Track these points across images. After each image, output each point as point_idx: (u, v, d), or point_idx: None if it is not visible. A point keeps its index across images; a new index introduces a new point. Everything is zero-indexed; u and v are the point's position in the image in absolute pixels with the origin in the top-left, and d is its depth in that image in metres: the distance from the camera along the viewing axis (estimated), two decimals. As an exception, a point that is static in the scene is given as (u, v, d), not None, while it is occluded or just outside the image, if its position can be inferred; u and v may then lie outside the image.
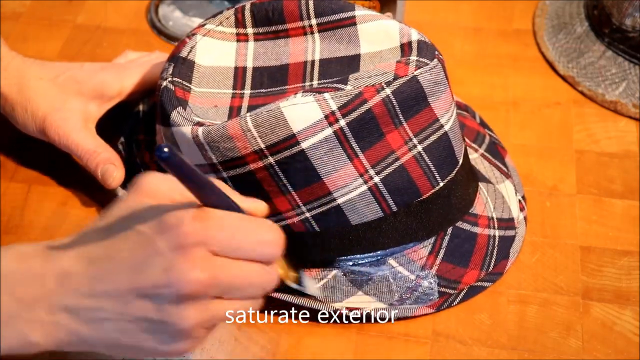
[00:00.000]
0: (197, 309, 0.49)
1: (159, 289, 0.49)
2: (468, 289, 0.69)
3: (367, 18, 0.69)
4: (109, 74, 0.75)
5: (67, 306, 0.51)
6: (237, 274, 0.50)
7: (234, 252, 0.50)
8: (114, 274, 0.50)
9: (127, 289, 0.50)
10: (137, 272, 0.49)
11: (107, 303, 0.50)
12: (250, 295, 0.52)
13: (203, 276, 0.48)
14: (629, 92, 0.84)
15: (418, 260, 0.68)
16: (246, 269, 0.51)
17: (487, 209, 0.72)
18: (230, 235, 0.50)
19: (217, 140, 0.63)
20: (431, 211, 0.67)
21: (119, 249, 0.50)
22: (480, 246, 0.70)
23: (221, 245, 0.49)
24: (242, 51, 0.72)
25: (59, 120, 0.73)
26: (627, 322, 0.67)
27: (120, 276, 0.50)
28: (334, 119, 0.62)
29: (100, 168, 0.73)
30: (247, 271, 0.51)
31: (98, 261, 0.51)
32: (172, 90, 0.67)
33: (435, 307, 0.67)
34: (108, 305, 0.50)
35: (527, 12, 0.95)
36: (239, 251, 0.50)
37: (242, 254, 0.50)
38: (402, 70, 0.64)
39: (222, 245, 0.49)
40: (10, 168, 0.78)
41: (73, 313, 0.51)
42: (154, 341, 0.51)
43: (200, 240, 0.49)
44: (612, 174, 0.78)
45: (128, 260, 0.50)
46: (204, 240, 0.49)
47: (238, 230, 0.50)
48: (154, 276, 0.49)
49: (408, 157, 0.65)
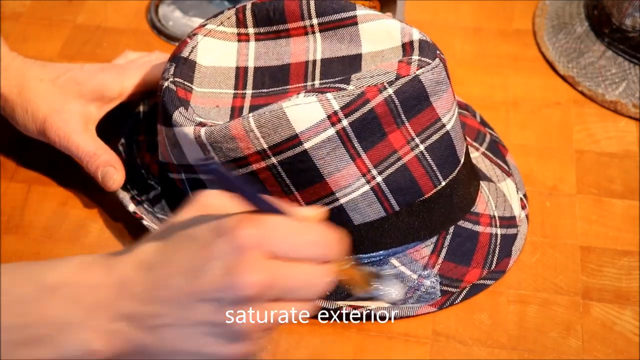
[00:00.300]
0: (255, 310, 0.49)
1: (218, 292, 0.49)
2: (470, 287, 0.69)
3: (368, 17, 0.69)
4: (109, 76, 0.75)
5: (128, 314, 0.51)
6: (294, 275, 0.50)
7: (289, 253, 0.50)
8: (172, 279, 0.50)
9: (187, 294, 0.49)
10: (195, 277, 0.49)
11: (166, 309, 0.50)
12: (306, 296, 0.52)
13: (262, 278, 0.48)
14: (629, 92, 0.84)
15: (420, 260, 0.68)
16: (302, 270, 0.51)
17: (488, 208, 0.72)
18: (285, 237, 0.50)
19: (220, 141, 0.63)
20: (433, 210, 0.67)
21: (176, 255, 0.50)
22: (482, 245, 0.70)
23: (277, 247, 0.50)
24: (244, 51, 0.72)
25: (60, 122, 0.73)
26: (627, 322, 0.68)
27: (179, 281, 0.50)
28: (337, 119, 0.62)
29: (101, 171, 0.73)
30: (303, 272, 0.51)
31: (156, 268, 0.51)
32: (174, 91, 0.67)
33: (437, 305, 0.67)
34: (168, 311, 0.50)
35: (527, 12, 0.95)
36: (294, 252, 0.50)
37: (296, 255, 0.50)
38: (404, 70, 0.64)
39: (277, 247, 0.50)
40: (10, 168, 0.78)
41: (133, 321, 0.51)
42: (214, 345, 0.50)
43: (257, 242, 0.49)
44: (612, 174, 0.79)
45: (186, 265, 0.50)
46: (261, 243, 0.49)
47: (292, 232, 0.50)
48: (213, 280, 0.49)
49: (410, 156, 0.65)
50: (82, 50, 0.90)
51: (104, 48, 0.90)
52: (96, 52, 0.90)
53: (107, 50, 0.90)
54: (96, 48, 0.90)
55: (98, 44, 0.91)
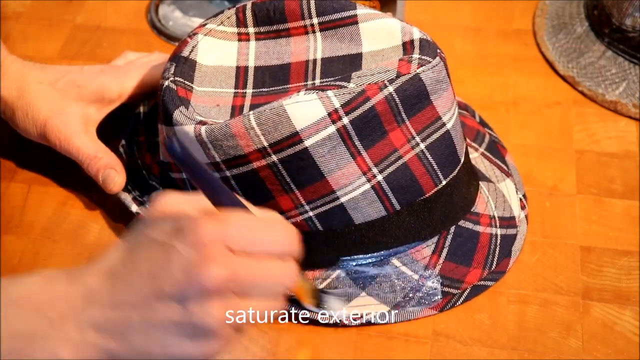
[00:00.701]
0: (221, 306, 0.49)
1: (180, 288, 0.49)
2: (471, 288, 0.69)
3: (368, 17, 0.69)
4: (108, 77, 0.75)
5: (94, 322, 0.51)
6: (256, 270, 0.50)
7: (251, 248, 0.50)
8: (134, 282, 0.50)
9: (150, 295, 0.50)
10: (157, 277, 0.49)
11: (131, 312, 0.50)
12: (271, 292, 0.52)
13: (223, 272, 0.48)
14: (629, 92, 0.84)
15: (421, 260, 0.68)
16: (265, 265, 0.51)
17: (488, 208, 0.72)
18: (246, 232, 0.50)
19: (220, 139, 0.63)
20: (434, 210, 0.67)
21: (137, 259, 0.51)
22: (483, 245, 0.70)
23: (238, 242, 0.50)
24: (244, 50, 0.72)
25: (60, 125, 0.73)
26: (627, 322, 0.67)
27: (141, 283, 0.50)
28: (337, 116, 0.62)
29: (101, 173, 0.73)
30: (266, 267, 0.51)
31: (119, 274, 0.51)
32: (175, 90, 0.67)
33: (438, 308, 0.67)
34: (133, 315, 0.50)
35: (527, 12, 0.95)
36: (255, 248, 0.50)
37: (258, 250, 0.51)
38: (404, 68, 0.64)
39: (238, 242, 0.50)
40: (10, 168, 0.78)
41: (100, 328, 0.51)
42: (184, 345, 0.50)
43: (217, 238, 0.49)
44: (612, 174, 0.78)
45: (147, 267, 0.50)
46: (221, 238, 0.49)
47: (253, 227, 0.51)
48: (174, 277, 0.49)
49: (411, 155, 0.65)
50: (81, 50, 0.90)
51: (104, 48, 0.90)
52: (96, 52, 0.90)
53: (107, 50, 0.90)
54: (96, 48, 0.90)
55: (98, 44, 0.91)
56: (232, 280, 0.49)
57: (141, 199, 0.73)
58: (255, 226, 0.51)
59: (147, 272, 0.50)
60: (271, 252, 0.51)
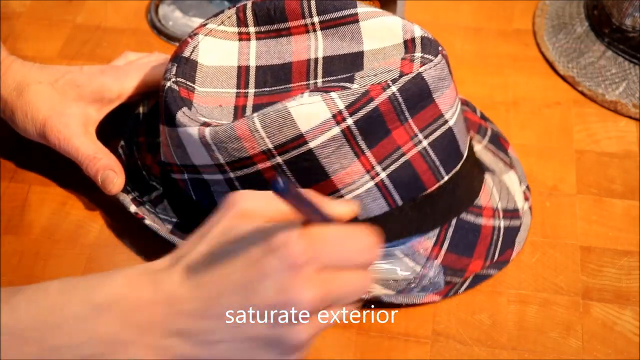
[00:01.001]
0: (311, 325, 0.50)
1: (273, 307, 0.49)
2: (474, 277, 0.69)
3: (369, 15, 0.69)
4: (108, 77, 0.75)
5: (180, 330, 0.51)
6: (344, 285, 0.51)
7: (339, 263, 0.51)
8: (225, 296, 0.50)
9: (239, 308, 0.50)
10: (249, 293, 0.50)
11: (220, 325, 0.50)
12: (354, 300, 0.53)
13: (317, 294, 0.49)
14: (629, 92, 0.84)
15: (423, 252, 0.68)
16: (352, 278, 0.52)
17: (492, 200, 0.72)
18: (335, 249, 0.51)
19: (225, 141, 0.63)
20: (436, 204, 0.68)
21: (225, 271, 0.50)
22: (484, 237, 0.70)
23: (327, 260, 0.50)
24: (245, 50, 0.72)
25: (59, 125, 0.73)
26: (627, 322, 0.67)
27: (233, 298, 0.50)
28: (342, 118, 0.62)
29: (101, 174, 0.72)
30: (352, 280, 0.52)
31: (206, 284, 0.51)
32: (177, 91, 0.67)
33: (442, 294, 0.67)
34: (222, 327, 0.50)
35: (527, 12, 0.95)
36: (343, 262, 0.51)
37: (345, 264, 0.51)
38: (407, 68, 0.64)
39: (328, 259, 0.50)
40: (10, 168, 0.78)
41: (185, 337, 0.51)
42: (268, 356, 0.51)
43: (309, 258, 0.49)
44: (612, 174, 0.79)
45: (239, 282, 0.50)
46: (313, 258, 0.50)
47: (341, 242, 0.51)
48: (268, 297, 0.49)
49: (414, 152, 0.65)
50: (81, 50, 0.90)
51: (104, 48, 0.90)
52: (96, 52, 0.90)
53: (107, 50, 0.90)
54: (96, 48, 0.90)
55: (98, 44, 0.91)
56: (323, 300, 0.50)
57: (141, 200, 0.73)
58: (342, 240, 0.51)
59: (237, 287, 0.50)
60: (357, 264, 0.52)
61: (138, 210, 0.72)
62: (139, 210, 0.71)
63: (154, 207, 0.72)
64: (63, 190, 0.77)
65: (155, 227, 0.70)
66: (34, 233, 0.73)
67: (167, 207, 0.72)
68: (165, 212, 0.72)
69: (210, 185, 0.67)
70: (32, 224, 0.74)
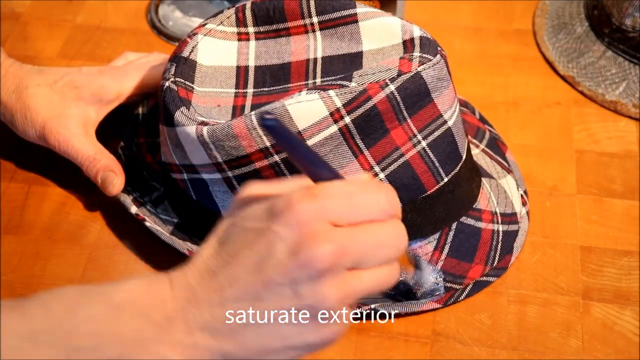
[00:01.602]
0: (335, 284, 0.47)
1: (291, 274, 0.46)
2: (473, 284, 0.69)
3: (368, 15, 0.69)
4: (107, 78, 0.75)
5: (202, 322, 0.49)
6: (364, 238, 0.47)
7: (353, 217, 0.47)
8: (239, 275, 0.48)
9: (258, 286, 0.47)
10: (262, 266, 0.47)
11: (241, 306, 0.48)
12: (385, 258, 0.48)
13: (332, 248, 0.46)
14: (629, 92, 0.84)
15: (423, 256, 0.68)
16: (371, 230, 0.48)
17: (490, 204, 0.72)
18: (344, 201, 0.47)
19: (222, 139, 0.63)
20: (436, 207, 0.67)
21: (235, 251, 0.48)
22: (485, 241, 0.70)
23: (338, 213, 0.47)
24: (244, 50, 0.72)
25: (59, 127, 0.73)
26: (627, 322, 0.67)
27: (247, 276, 0.47)
28: (339, 116, 0.62)
29: (100, 175, 0.72)
30: (373, 232, 0.48)
31: (218, 271, 0.49)
32: (175, 90, 0.67)
33: (442, 302, 0.67)
34: (243, 309, 0.48)
35: (527, 12, 0.95)
36: (357, 215, 0.48)
37: (361, 217, 0.48)
38: (405, 67, 0.64)
39: (339, 213, 0.47)
40: (10, 168, 0.78)
41: (209, 328, 0.49)
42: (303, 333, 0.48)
43: (316, 214, 0.46)
44: (612, 174, 0.78)
45: (249, 258, 0.47)
46: (320, 213, 0.46)
47: (350, 194, 0.48)
48: (282, 263, 0.46)
49: (412, 153, 0.65)
50: (81, 50, 0.90)
51: (104, 48, 0.90)
52: (96, 52, 0.90)
53: (107, 50, 0.90)
54: (96, 48, 0.90)
55: (98, 44, 0.91)
56: (342, 255, 0.46)
57: (141, 200, 0.73)
58: (352, 192, 0.48)
59: (250, 263, 0.47)
60: (374, 216, 0.48)
61: (139, 211, 0.71)
62: (139, 212, 0.71)
63: (155, 208, 0.72)
64: (63, 190, 0.77)
65: (157, 228, 0.70)
66: (34, 233, 0.73)
67: (168, 207, 0.72)
68: (166, 213, 0.72)
69: (209, 185, 0.67)
70: (32, 224, 0.74)
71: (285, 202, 0.47)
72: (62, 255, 0.72)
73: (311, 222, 0.46)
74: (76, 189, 0.76)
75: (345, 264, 0.47)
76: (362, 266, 0.48)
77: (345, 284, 0.47)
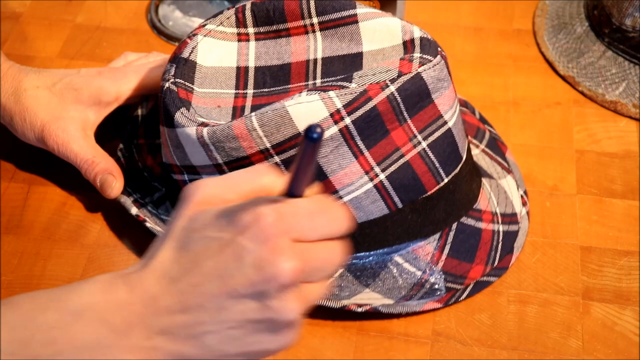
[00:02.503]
0: (296, 297, 0.49)
1: (256, 287, 0.48)
2: (474, 284, 0.69)
3: (368, 16, 0.69)
4: (106, 80, 0.75)
5: (162, 328, 0.49)
6: (321, 255, 0.50)
7: (313, 234, 0.49)
8: (203, 284, 0.49)
9: (223, 295, 0.48)
10: (227, 277, 0.48)
11: (204, 315, 0.49)
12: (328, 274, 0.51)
13: (295, 265, 0.48)
14: (629, 92, 0.84)
15: (424, 257, 0.68)
16: (328, 248, 0.50)
17: (490, 204, 0.72)
18: (307, 220, 0.49)
19: (223, 140, 0.63)
20: (436, 207, 0.67)
21: (197, 259, 0.49)
22: (485, 241, 0.70)
23: (301, 230, 0.49)
24: (244, 51, 0.72)
25: (58, 130, 0.73)
26: (627, 322, 0.67)
27: (211, 285, 0.48)
28: (340, 117, 0.62)
29: (99, 178, 0.72)
30: (328, 251, 0.50)
31: (180, 278, 0.49)
32: (175, 92, 0.67)
33: (442, 302, 0.67)
34: (206, 317, 0.49)
35: (527, 12, 0.95)
36: (316, 232, 0.49)
37: (319, 234, 0.50)
38: (405, 68, 0.64)
39: (301, 230, 0.49)
40: (10, 168, 0.78)
41: (170, 334, 0.49)
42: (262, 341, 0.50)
43: (282, 230, 0.48)
44: (612, 174, 0.78)
45: (213, 267, 0.48)
46: (286, 230, 0.48)
47: (312, 213, 0.50)
48: (248, 275, 0.48)
49: (413, 153, 0.65)
50: (81, 50, 0.90)
51: (104, 48, 0.90)
52: (96, 52, 0.90)
53: (107, 50, 0.90)
54: (96, 48, 0.90)
55: (98, 44, 0.91)
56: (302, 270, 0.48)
57: (142, 201, 0.73)
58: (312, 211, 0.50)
59: (214, 272, 0.48)
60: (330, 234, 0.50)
61: (139, 212, 0.71)
62: (140, 213, 0.71)
63: (156, 208, 0.72)
64: (63, 190, 0.77)
65: (157, 229, 0.70)
66: (34, 233, 0.73)
67: (170, 207, 0.72)
68: (168, 213, 0.72)
69: None
70: (32, 224, 0.74)
71: (252, 217, 0.48)
72: (62, 255, 0.72)
73: (278, 238, 0.48)
74: (76, 189, 0.76)
75: (303, 278, 0.49)
76: (311, 279, 0.50)
77: (303, 297, 0.49)
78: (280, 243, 0.48)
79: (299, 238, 0.49)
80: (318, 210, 0.50)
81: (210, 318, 0.49)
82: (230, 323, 0.49)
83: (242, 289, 0.48)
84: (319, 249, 0.50)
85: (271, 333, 0.50)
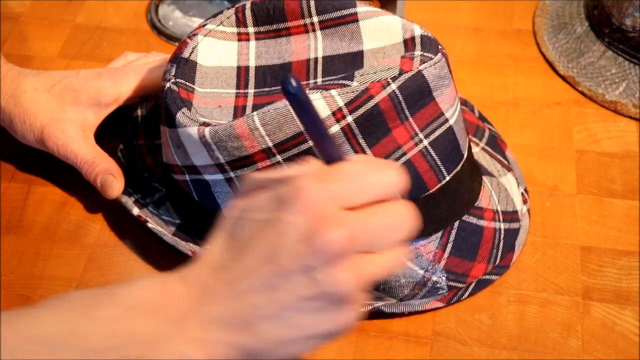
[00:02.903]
0: (350, 268, 0.46)
1: (305, 261, 0.45)
2: (476, 282, 0.69)
3: (369, 14, 0.69)
4: (105, 81, 0.75)
5: (217, 317, 0.48)
6: (376, 221, 0.47)
7: (361, 197, 0.47)
8: (252, 267, 0.47)
9: (271, 275, 0.46)
10: (275, 256, 0.46)
11: (255, 299, 0.47)
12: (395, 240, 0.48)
13: (344, 233, 0.45)
14: (629, 92, 0.84)
15: (426, 255, 0.68)
16: (382, 212, 0.47)
17: (491, 202, 0.72)
18: (353, 184, 0.47)
19: (225, 140, 0.63)
20: (438, 205, 0.67)
21: (245, 243, 0.48)
22: (487, 239, 0.70)
23: (347, 195, 0.46)
24: (244, 50, 0.72)
25: (57, 131, 0.73)
26: (627, 322, 0.67)
27: (260, 266, 0.47)
28: (341, 115, 0.62)
29: (99, 179, 0.72)
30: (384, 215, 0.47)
31: (229, 265, 0.48)
32: (176, 92, 0.67)
33: (445, 301, 0.67)
34: (258, 300, 0.47)
35: (527, 12, 0.95)
36: (365, 196, 0.47)
37: (369, 196, 0.47)
38: (407, 66, 0.64)
39: (347, 194, 0.46)
40: (10, 169, 0.78)
41: (225, 323, 0.48)
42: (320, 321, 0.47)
43: (325, 197, 0.46)
44: (612, 174, 0.78)
45: (261, 248, 0.47)
46: (330, 198, 0.46)
47: (357, 175, 0.47)
48: (293, 250, 0.46)
49: (414, 151, 0.65)
50: (81, 50, 0.90)
51: (104, 48, 0.90)
52: (96, 52, 0.90)
53: (107, 50, 0.90)
54: (96, 48, 0.90)
55: (98, 44, 0.91)
56: (355, 238, 0.46)
57: (143, 202, 0.73)
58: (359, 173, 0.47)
59: (262, 253, 0.47)
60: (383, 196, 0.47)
61: (141, 212, 0.71)
62: (141, 213, 0.71)
63: (157, 209, 0.72)
64: (63, 191, 0.77)
65: (158, 229, 0.70)
66: (34, 233, 0.73)
67: (170, 208, 0.72)
68: (169, 214, 0.72)
69: (212, 185, 0.67)
70: (32, 224, 0.74)
71: (293, 189, 0.46)
72: (62, 255, 0.72)
73: (321, 207, 0.45)
74: (76, 189, 0.76)
75: (358, 247, 0.46)
76: (373, 249, 0.47)
77: (359, 268, 0.46)
78: (325, 211, 0.45)
79: (347, 203, 0.46)
80: (362, 170, 0.48)
81: (262, 301, 0.47)
82: (283, 303, 0.47)
83: (289, 265, 0.46)
84: (375, 214, 0.47)
85: (328, 312, 0.47)
